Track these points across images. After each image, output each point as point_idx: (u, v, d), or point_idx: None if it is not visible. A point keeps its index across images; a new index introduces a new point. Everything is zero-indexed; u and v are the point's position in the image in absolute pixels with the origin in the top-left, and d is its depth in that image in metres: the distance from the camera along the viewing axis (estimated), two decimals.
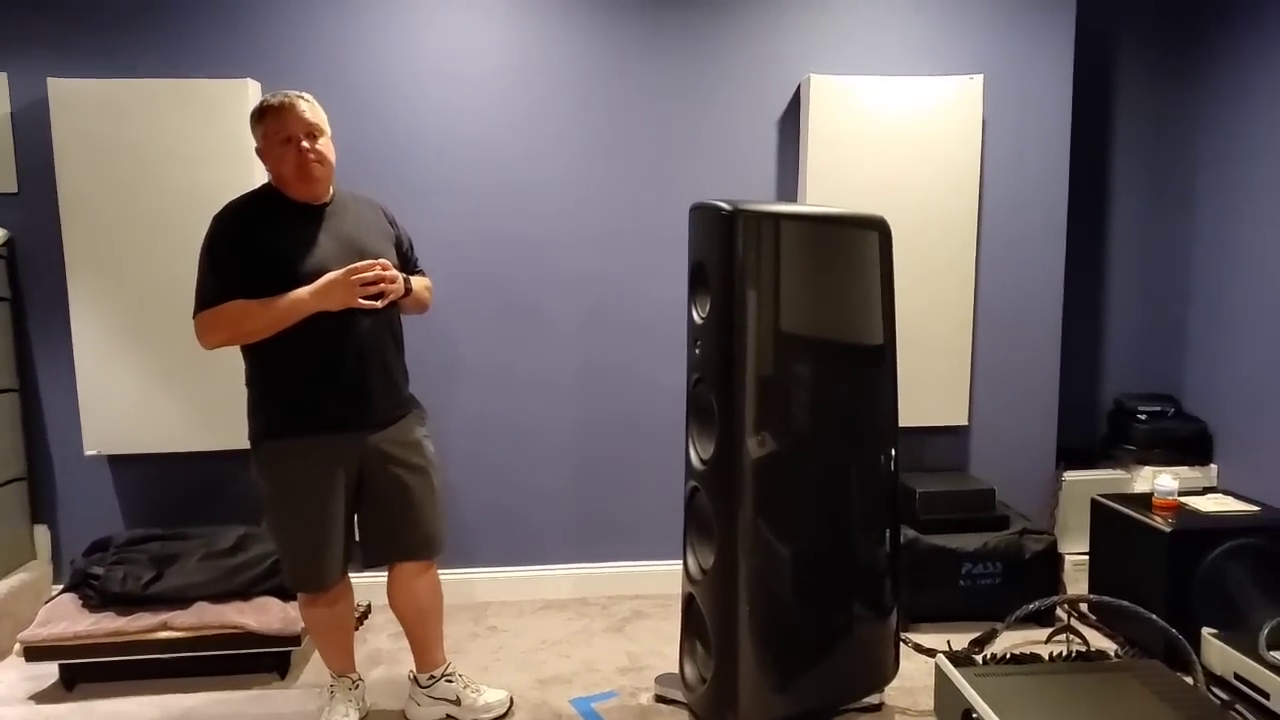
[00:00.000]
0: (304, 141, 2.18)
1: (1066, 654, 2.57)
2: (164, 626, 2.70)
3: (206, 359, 2.46)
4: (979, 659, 2.48)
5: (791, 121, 3.33)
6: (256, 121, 2.22)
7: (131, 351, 3.04)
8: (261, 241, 2.19)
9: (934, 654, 2.64)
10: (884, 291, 2.39)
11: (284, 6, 3.11)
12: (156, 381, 3.06)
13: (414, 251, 2.54)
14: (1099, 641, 2.96)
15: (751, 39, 3.29)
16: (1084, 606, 3.16)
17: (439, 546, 2.44)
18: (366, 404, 2.28)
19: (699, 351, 2.30)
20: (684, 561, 2.42)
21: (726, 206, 2.18)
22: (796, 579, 2.30)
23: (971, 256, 3.37)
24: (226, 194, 2.31)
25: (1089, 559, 3.22)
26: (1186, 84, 3.69)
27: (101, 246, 3.00)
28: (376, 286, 2.20)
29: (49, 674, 2.76)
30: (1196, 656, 2.56)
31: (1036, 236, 3.45)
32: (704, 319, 2.27)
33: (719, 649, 2.28)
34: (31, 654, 2.67)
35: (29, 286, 3.14)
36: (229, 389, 2.50)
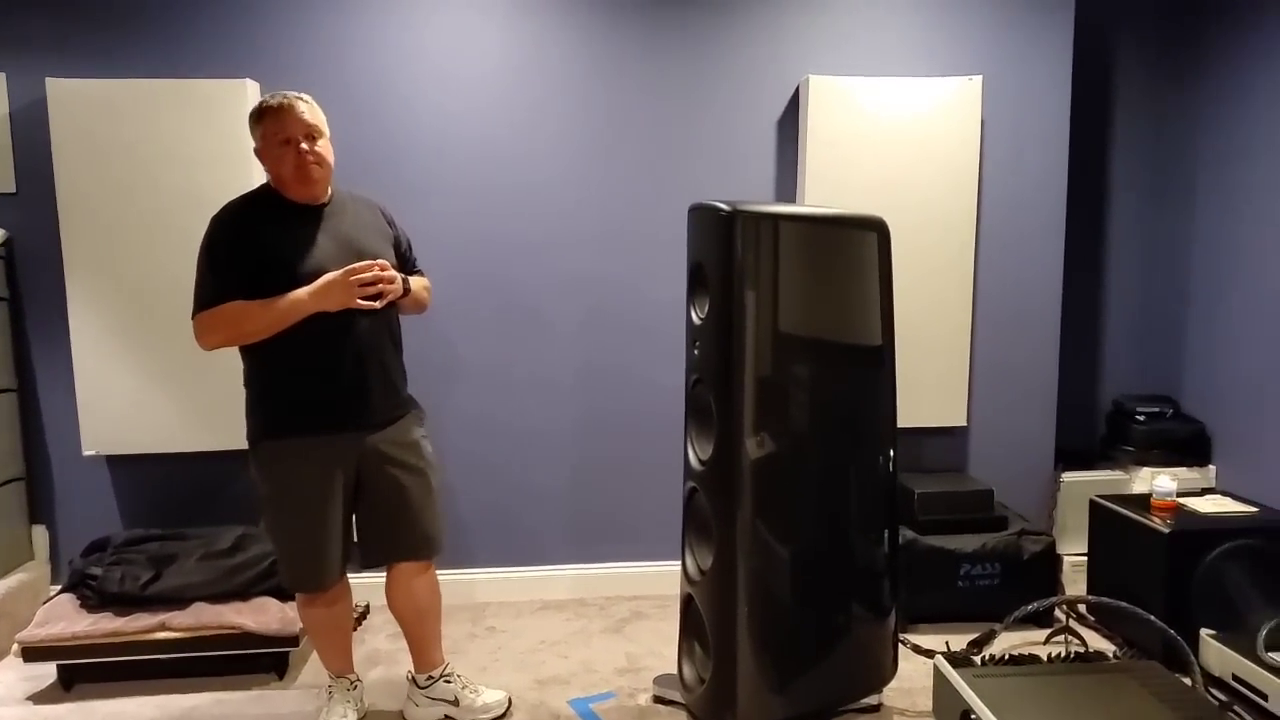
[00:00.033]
0: (303, 143, 2.18)
1: (1065, 655, 2.56)
2: (162, 627, 2.69)
3: (205, 359, 2.46)
4: (977, 660, 2.47)
5: (790, 122, 3.33)
6: (255, 122, 2.22)
7: (130, 351, 3.04)
8: (260, 242, 2.19)
9: (932, 655, 2.65)
10: (883, 292, 2.40)
11: (283, 7, 3.11)
12: (155, 381, 3.06)
13: (412, 252, 2.54)
14: (1097, 642, 2.96)
15: (751, 39, 3.29)
16: (1082, 607, 3.16)
17: (437, 547, 2.44)
18: (365, 404, 2.28)
19: (698, 352, 2.30)
20: (682, 562, 2.41)
21: (725, 207, 2.18)
22: (795, 580, 2.30)
23: (970, 257, 3.37)
24: (225, 194, 2.31)
25: (1087, 560, 3.22)
26: (1186, 84, 3.69)
27: (100, 246, 3.00)
28: (375, 287, 2.20)
29: (47, 674, 2.76)
30: (1195, 657, 2.56)
31: (1035, 237, 3.45)
32: (703, 320, 2.27)
33: (717, 650, 2.27)
34: (29, 654, 2.67)
35: (28, 286, 3.14)
36: (227, 389, 2.50)
